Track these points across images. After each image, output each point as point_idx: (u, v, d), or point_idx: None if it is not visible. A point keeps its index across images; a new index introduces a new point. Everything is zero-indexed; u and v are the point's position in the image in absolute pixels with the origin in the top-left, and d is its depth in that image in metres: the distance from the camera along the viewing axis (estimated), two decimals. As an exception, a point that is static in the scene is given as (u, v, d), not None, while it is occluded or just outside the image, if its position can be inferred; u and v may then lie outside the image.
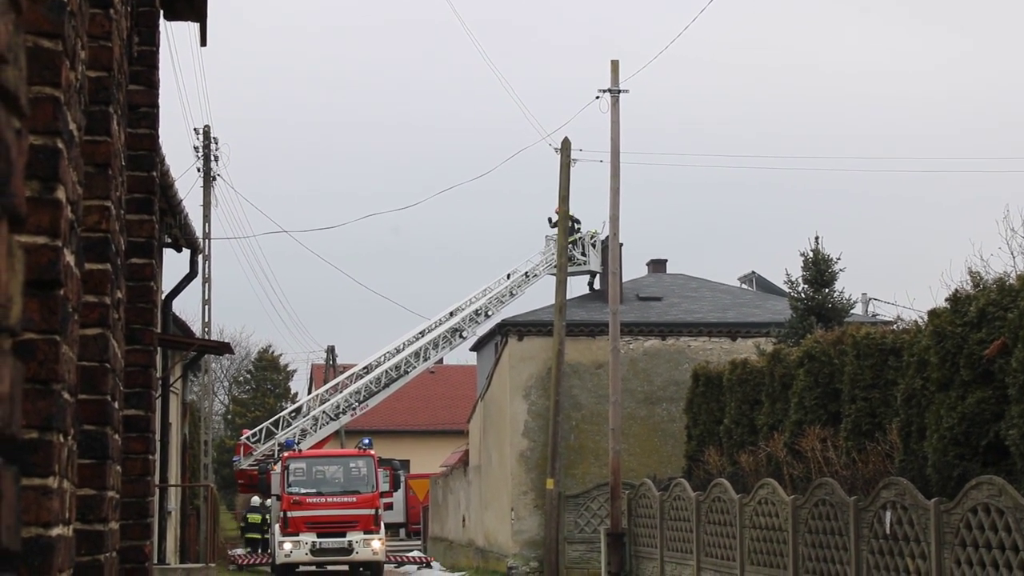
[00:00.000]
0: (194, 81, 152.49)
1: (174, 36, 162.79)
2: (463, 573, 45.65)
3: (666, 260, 52.17)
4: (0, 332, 1.53)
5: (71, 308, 3.84)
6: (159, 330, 16.25)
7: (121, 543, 6.40)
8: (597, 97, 37.59)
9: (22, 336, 3.49)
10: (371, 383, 51.32)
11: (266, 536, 52.20)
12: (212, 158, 48.94)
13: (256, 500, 55.00)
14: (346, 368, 61.11)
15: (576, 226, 47.27)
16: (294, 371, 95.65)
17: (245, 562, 48.30)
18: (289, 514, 44.59)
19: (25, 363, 3.48)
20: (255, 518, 53.12)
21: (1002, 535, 17.28)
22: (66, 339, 3.68)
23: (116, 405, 5.24)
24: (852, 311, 39.17)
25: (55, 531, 3.61)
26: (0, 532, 1.52)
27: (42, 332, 3.54)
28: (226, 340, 54.53)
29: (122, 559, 6.49)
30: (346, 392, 52.01)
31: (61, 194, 3.63)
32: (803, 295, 37.59)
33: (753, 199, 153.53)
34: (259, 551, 51.32)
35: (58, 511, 3.66)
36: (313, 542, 44.31)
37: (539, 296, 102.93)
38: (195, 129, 49.85)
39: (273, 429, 52.68)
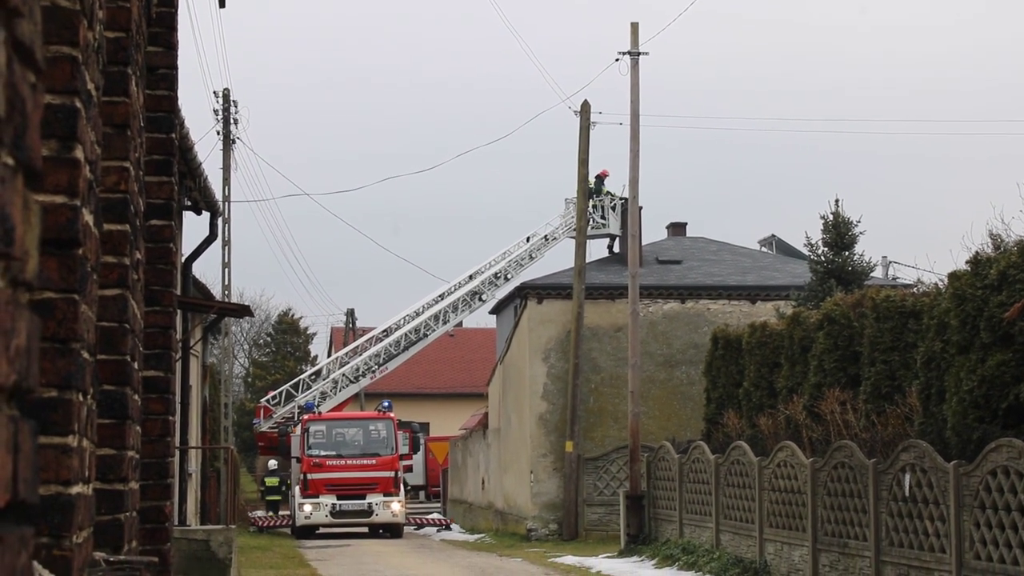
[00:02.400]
0: (213, 44, 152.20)
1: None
2: (482, 535, 45.78)
3: (686, 223, 52.09)
4: (17, 286, 1.53)
5: (90, 268, 3.85)
6: (179, 293, 16.25)
7: (141, 503, 6.43)
8: (617, 60, 37.48)
9: (41, 295, 3.50)
10: (391, 346, 51.43)
11: (285, 499, 52.43)
12: (232, 121, 48.99)
13: (273, 463, 55.23)
14: (366, 331, 61.19)
15: (603, 191, 47.21)
16: (314, 334, 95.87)
17: (265, 524, 48.50)
18: (309, 476, 44.76)
19: (44, 322, 3.50)
20: (272, 481, 53.32)
21: (1021, 497, 17.27)
22: (85, 298, 3.69)
23: (136, 366, 5.26)
24: (872, 274, 39.08)
25: (75, 489, 3.63)
26: (18, 485, 1.53)
27: (61, 291, 3.55)
28: (246, 303, 54.62)
29: (142, 519, 6.52)
30: (366, 355, 52.15)
31: (79, 153, 3.63)
32: (823, 258, 37.50)
33: (774, 161, 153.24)
34: (278, 513, 51.51)
35: (78, 469, 3.68)
36: (333, 504, 44.50)
37: (558, 259, 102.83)
38: (214, 92, 49.92)
39: (293, 392, 52.86)
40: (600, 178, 47.58)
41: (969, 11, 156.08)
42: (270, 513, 51.52)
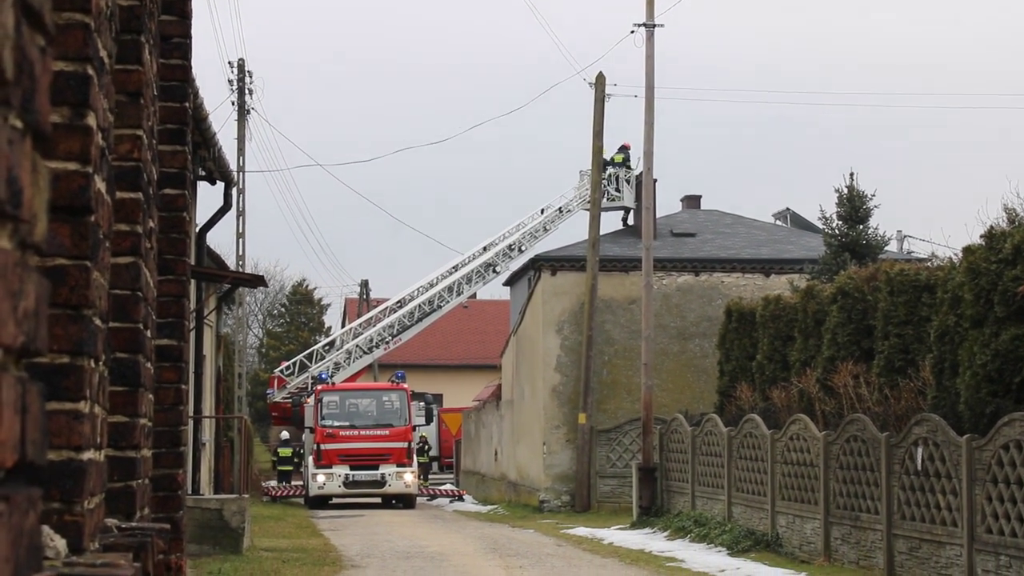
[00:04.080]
0: (228, 13, 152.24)
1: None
2: (495, 507, 45.88)
3: (700, 196, 52.03)
4: (25, 248, 1.54)
5: (102, 235, 3.86)
6: (193, 262, 16.27)
7: (154, 471, 6.45)
8: (632, 32, 37.39)
9: (53, 261, 3.51)
10: (404, 317, 51.48)
11: (297, 469, 52.55)
12: (246, 91, 48.98)
13: (285, 434, 55.40)
14: (379, 302, 61.29)
15: (627, 161, 47.13)
16: (328, 305, 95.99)
17: (278, 494, 48.62)
18: (322, 447, 44.85)
19: (56, 288, 3.51)
20: (286, 452, 53.48)
21: (1034, 472, 17.27)
22: (97, 265, 3.70)
23: (148, 334, 5.27)
24: (886, 248, 39.01)
25: (86, 455, 3.65)
26: (26, 446, 1.54)
27: (73, 258, 3.56)
28: (260, 273, 54.67)
29: (155, 487, 6.54)
30: (379, 326, 52.21)
31: (92, 120, 3.64)
32: (837, 231, 37.45)
33: (789, 135, 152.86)
34: (291, 483, 51.61)
35: (89, 435, 3.69)
36: (346, 474, 44.59)
37: (573, 231, 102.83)
38: (229, 62, 49.90)
39: (307, 362, 52.96)
40: (624, 149, 47.52)
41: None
42: (283, 483, 51.63)
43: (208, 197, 57.41)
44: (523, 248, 49.50)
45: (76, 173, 3.58)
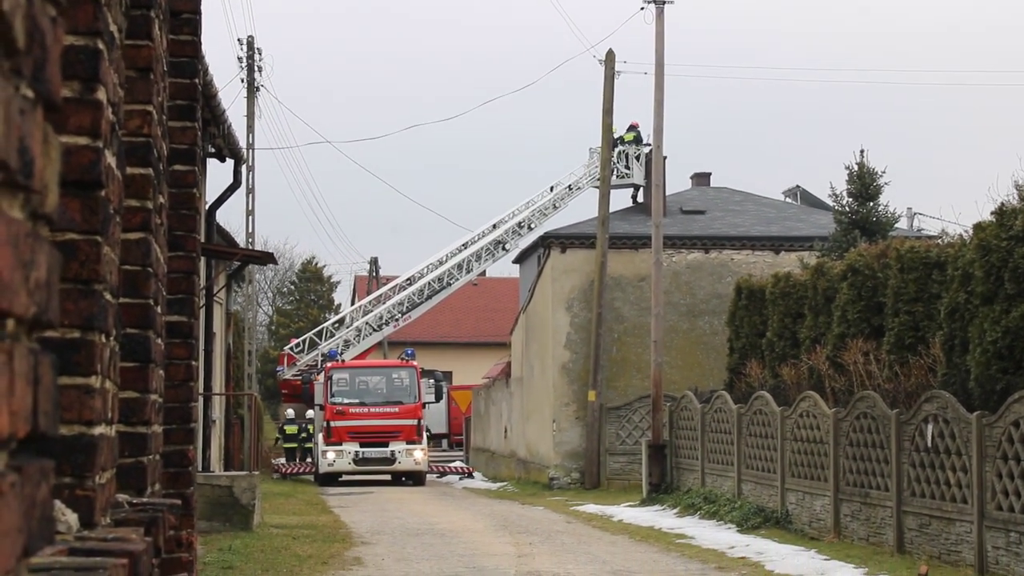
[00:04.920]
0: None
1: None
2: (504, 484, 45.94)
3: (710, 173, 52.00)
4: (37, 219, 1.53)
5: (112, 210, 3.86)
6: (203, 240, 16.29)
7: (165, 447, 6.46)
8: (642, 8, 37.30)
9: (63, 236, 3.51)
10: (414, 295, 51.48)
11: (304, 447, 52.64)
12: (256, 68, 48.92)
13: (290, 412, 55.56)
14: (389, 280, 61.26)
15: (639, 139, 47.04)
16: (337, 282, 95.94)
17: (288, 471, 48.69)
18: (332, 424, 44.92)
19: (66, 263, 3.50)
20: (292, 429, 53.57)
21: (1044, 449, 17.26)
22: (107, 240, 3.69)
23: (159, 310, 5.27)
24: (896, 225, 38.98)
25: (98, 430, 3.65)
26: (38, 417, 1.53)
27: (83, 232, 3.56)
28: (270, 251, 54.71)
29: (166, 463, 6.55)
30: (389, 303, 52.23)
31: (102, 95, 3.63)
32: (847, 209, 37.42)
33: (800, 112, 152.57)
34: (297, 460, 51.69)
35: (100, 410, 3.69)
36: (356, 452, 44.66)
37: (582, 209, 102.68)
38: (239, 40, 49.84)
39: (316, 340, 53.01)
40: (634, 127, 47.44)
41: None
42: (291, 461, 51.67)
43: (218, 175, 57.42)
44: (532, 225, 49.47)
45: (86, 148, 3.58)
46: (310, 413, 53.80)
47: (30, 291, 1.49)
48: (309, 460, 50.20)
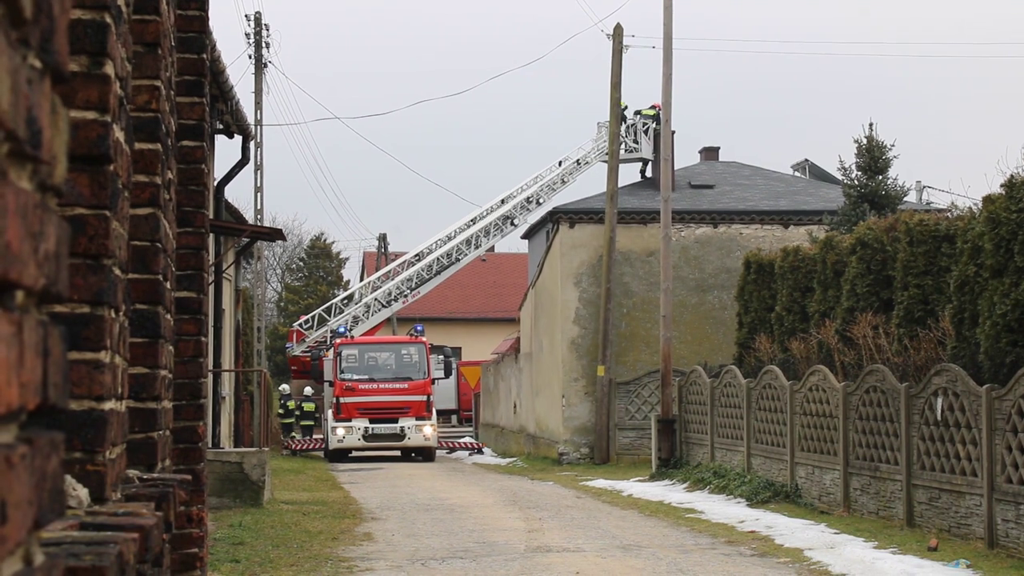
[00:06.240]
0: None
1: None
2: (514, 459, 45.98)
3: (719, 148, 51.90)
4: (45, 190, 1.52)
5: (121, 185, 3.85)
6: (211, 216, 16.30)
7: (175, 423, 6.46)
8: (649, -18, 37.18)
9: (72, 211, 3.50)
10: (422, 270, 51.48)
11: (303, 423, 52.77)
12: (263, 44, 48.89)
13: (285, 387, 55.71)
14: (398, 256, 61.29)
15: (653, 117, 46.91)
16: (346, 259, 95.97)
17: (298, 447, 48.77)
18: (342, 400, 44.96)
19: (75, 238, 3.50)
20: (293, 405, 53.64)
21: (1054, 422, 17.24)
22: (116, 215, 3.69)
23: (168, 285, 5.26)
24: (906, 198, 38.92)
25: (108, 405, 3.64)
26: (48, 389, 1.53)
27: (92, 207, 3.55)
28: (278, 227, 54.75)
29: (176, 439, 6.56)
30: (398, 279, 52.22)
31: (110, 69, 3.62)
32: (856, 182, 37.35)
33: (809, 86, 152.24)
34: (307, 437, 51.77)
35: (110, 385, 3.69)
36: (365, 428, 44.71)
37: (590, 184, 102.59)
38: (246, 15, 49.81)
39: (325, 316, 53.04)
40: (655, 108, 47.29)
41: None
42: (290, 437, 51.68)
43: (226, 151, 57.41)
44: (541, 200, 49.42)
45: (94, 122, 3.57)
46: (308, 390, 53.87)
47: (39, 262, 1.48)
48: (319, 437, 50.27)
